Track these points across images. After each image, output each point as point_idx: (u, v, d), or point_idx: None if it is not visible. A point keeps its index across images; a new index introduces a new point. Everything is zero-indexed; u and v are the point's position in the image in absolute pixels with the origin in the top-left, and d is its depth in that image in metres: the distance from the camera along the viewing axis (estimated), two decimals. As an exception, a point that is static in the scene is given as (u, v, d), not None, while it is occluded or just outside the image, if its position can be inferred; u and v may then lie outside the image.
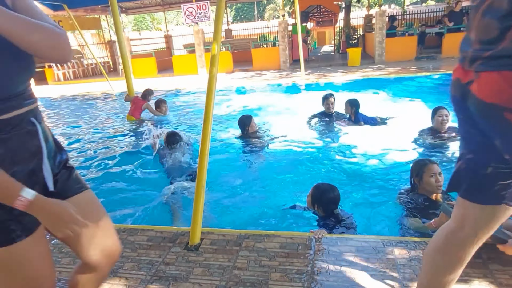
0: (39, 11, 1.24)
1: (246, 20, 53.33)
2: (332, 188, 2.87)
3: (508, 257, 2.19)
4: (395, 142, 4.93)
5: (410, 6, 32.77)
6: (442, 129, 4.33)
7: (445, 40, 13.54)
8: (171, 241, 2.68)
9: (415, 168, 2.98)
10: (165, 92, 11.56)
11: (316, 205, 2.90)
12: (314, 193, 2.92)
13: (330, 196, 2.83)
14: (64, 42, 1.23)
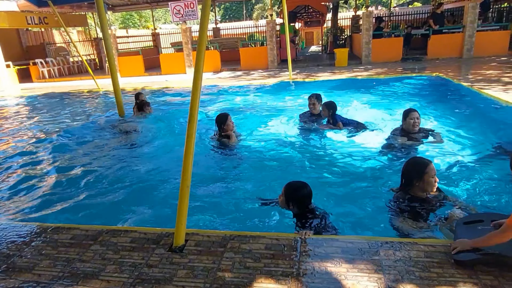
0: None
1: (234, 19, 53.19)
2: (304, 185, 2.85)
3: (492, 258, 2.20)
4: (369, 142, 4.98)
5: (396, 8, 33.16)
6: (413, 131, 4.46)
7: (430, 42, 13.73)
8: (155, 242, 2.63)
9: (414, 168, 2.88)
10: (151, 91, 11.42)
11: (290, 203, 2.86)
12: (287, 191, 2.87)
13: (304, 192, 2.80)
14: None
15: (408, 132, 4.51)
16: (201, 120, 7.03)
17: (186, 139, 2.59)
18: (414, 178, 2.84)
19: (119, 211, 3.59)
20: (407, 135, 4.51)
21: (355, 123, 5.54)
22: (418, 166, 2.85)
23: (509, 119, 5.55)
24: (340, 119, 5.50)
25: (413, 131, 4.45)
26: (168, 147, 5.44)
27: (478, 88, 7.53)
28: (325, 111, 5.58)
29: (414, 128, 4.43)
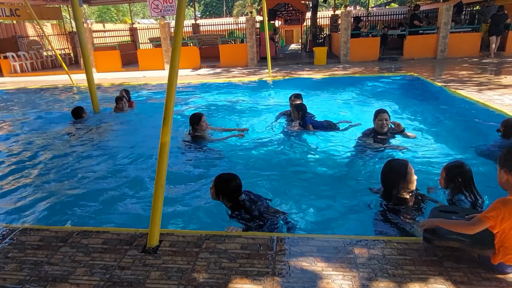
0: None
1: (214, 16, 52.75)
2: (233, 177, 2.88)
3: (461, 255, 2.26)
4: (341, 143, 5.04)
5: (374, 8, 33.74)
6: (382, 131, 4.53)
7: (406, 42, 14.05)
8: (128, 243, 2.56)
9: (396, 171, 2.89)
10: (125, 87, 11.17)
11: (220, 196, 2.89)
12: (217, 183, 2.89)
13: (233, 184, 2.84)
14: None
15: (378, 133, 4.58)
16: (178, 117, 6.95)
17: (161, 137, 2.53)
18: (399, 181, 2.88)
19: (91, 211, 3.48)
20: (376, 135, 4.59)
21: (325, 125, 5.53)
22: (399, 168, 2.89)
23: (480, 119, 5.75)
24: (311, 121, 5.47)
25: (382, 131, 4.53)
26: (143, 145, 5.33)
27: (451, 88, 7.76)
28: (295, 113, 5.54)
29: (382, 129, 4.51)
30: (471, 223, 2.04)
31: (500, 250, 2.03)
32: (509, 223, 1.96)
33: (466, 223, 2.08)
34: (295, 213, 3.27)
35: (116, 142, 5.72)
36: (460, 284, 2.02)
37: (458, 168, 2.92)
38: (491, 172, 2.87)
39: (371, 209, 3.07)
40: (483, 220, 1.98)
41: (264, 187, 3.79)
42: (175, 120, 6.54)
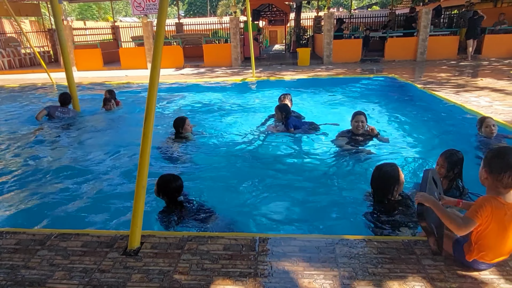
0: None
1: (198, 15, 52.44)
2: (174, 178, 3.04)
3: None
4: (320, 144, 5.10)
5: (356, 10, 34.25)
6: (357, 132, 4.70)
7: (387, 44, 14.32)
8: (109, 246, 2.52)
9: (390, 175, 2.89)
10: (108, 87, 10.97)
11: (161, 194, 3.05)
12: (159, 182, 3.04)
13: (173, 185, 3.00)
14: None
15: (354, 134, 4.73)
16: (160, 117, 6.89)
17: (142, 138, 2.50)
18: (393, 185, 2.88)
19: (70, 213, 3.41)
20: (352, 136, 4.73)
21: (307, 126, 5.56)
22: (392, 173, 2.89)
23: (457, 120, 5.92)
24: (294, 122, 5.49)
25: (357, 132, 4.69)
26: (125, 145, 5.26)
27: (430, 89, 7.95)
28: (278, 114, 5.54)
29: (357, 130, 4.67)
30: (463, 223, 1.97)
31: (475, 248, 2.09)
32: (489, 220, 2.01)
33: (458, 221, 1.98)
34: (277, 213, 3.29)
35: (97, 142, 5.62)
36: (437, 281, 2.08)
37: (457, 155, 3.01)
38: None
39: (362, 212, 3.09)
40: (475, 220, 1.96)
41: (246, 187, 3.80)
42: (159, 121, 6.51)
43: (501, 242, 2.06)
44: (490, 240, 2.05)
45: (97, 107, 7.57)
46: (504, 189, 1.99)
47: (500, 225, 2.01)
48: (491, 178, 1.99)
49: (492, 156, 2.01)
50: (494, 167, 1.97)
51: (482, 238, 2.06)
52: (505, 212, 1.99)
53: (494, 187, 2.01)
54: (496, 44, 13.69)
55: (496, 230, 2.02)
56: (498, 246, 2.07)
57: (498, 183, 1.97)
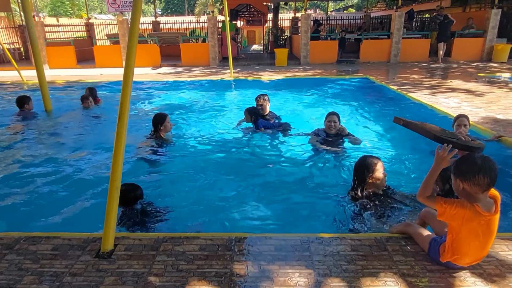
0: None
1: (176, 14, 51.81)
2: (134, 188, 3.11)
3: (409, 249, 2.40)
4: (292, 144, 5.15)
5: (333, 12, 34.80)
6: (329, 132, 4.80)
7: (362, 46, 14.63)
8: (81, 248, 2.46)
9: (365, 165, 3.05)
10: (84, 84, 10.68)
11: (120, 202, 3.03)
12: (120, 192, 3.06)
13: (131, 195, 3.05)
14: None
15: (326, 134, 4.82)
16: (136, 116, 6.77)
17: (116, 137, 2.45)
18: (367, 175, 3.03)
19: (40, 215, 3.29)
20: (325, 136, 4.81)
21: (276, 126, 5.56)
22: (368, 163, 3.05)
23: (428, 120, 6.10)
24: (263, 124, 5.49)
25: (329, 132, 4.79)
26: (99, 144, 5.14)
27: (403, 91, 8.19)
28: (247, 117, 5.51)
29: (330, 130, 4.77)
30: (428, 196, 2.14)
31: (449, 250, 2.15)
32: (458, 223, 2.06)
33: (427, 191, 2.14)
34: (253, 213, 3.30)
35: (68, 141, 5.46)
36: (408, 277, 2.14)
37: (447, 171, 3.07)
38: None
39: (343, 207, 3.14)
40: (437, 202, 2.09)
41: (221, 188, 3.79)
42: (134, 120, 6.39)
43: (474, 250, 2.11)
44: (464, 246, 2.10)
45: (71, 105, 7.36)
46: (482, 194, 2.00)
47: (473, 232, 2.05)
48: (467, 185, 2.00)
49: (460, 164, 2.04)
50: (467, 173, 1.98)
51: (456, 242, 2.11)
52: (479, 221, 2.02)
53: (473, 194, 2.01)
54: (464, 48, 14.26)
55: (469, 237, 2.07)
56: (472, 252, 2.12)
57: (476, 187, 1.97)
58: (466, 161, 2.03)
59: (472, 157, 2.02)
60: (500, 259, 2.31)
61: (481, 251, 2.14)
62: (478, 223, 2.03)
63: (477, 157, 2.00)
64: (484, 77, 10.15)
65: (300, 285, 2.08)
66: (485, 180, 1.95)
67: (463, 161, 2.04)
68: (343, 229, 2.91)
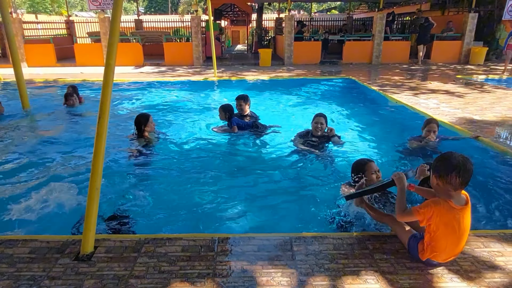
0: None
1: (159, 12, 51.25)
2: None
3: (389, 247, 2.45)
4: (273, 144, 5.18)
5: (316, 14, 35.11)
6: (316, 134, 4.80)
7: (345, 47, 14.83)
8: (59, 251, 2.40)
9: (356, 168, 3.21)
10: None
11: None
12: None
13: None
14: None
15: (313, 135, 4.82)
16: (118, 116, 6.67)
17: (96, 137, 2.41)
18: (359, 175, 3.14)
19: (17, 218, 3.19)
20: (311, 137, 4.82)
21: (250, 125, 5.52)
22: (359, 164, 3.21)
23: (408, 120, 6.25)
24: (237, 122, 5.45)
25: (316, 134, 4.79)
26: (81, 144, 5.04)
27: (385, 91, 8.34)
28: (221, 114, 5.46)
29: (316, 132, 4.77)
30: (405, 212, 2.25)
31: (428, 248, 2.22)
32: (436, 221, 2.13)
33: (402, 208, 2.26)
34: (236, 213, 3.30)
35: (48, 140, 5.32)
36: (388, 274, 2.19)
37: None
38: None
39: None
40: (414, 213, 2.18)
41: (204, 188, 3.78)
42: (116, 120, 6.29)
43: (452, 244, 2.18)
44: (442, 243, 2.17)
45: (51, 104, 7.18)
46: (455, 191, 2.09)
47: (449, 228, 2.13)
48: (441, 182, 2.09)
49: (437, 161, 2.14)
50: (441, 170, 2.08)
51: (434, 240, 2.18)
52: (454, 216, 2.11)
53: (446, 191, 2.11)
54: (443, 50, 14.63)
55: (446, 232, 2.14)
56: (449, 248, 2.19)
57: (448, 186, 2.07)
58: (443, 159, 2.11)
59: (449, 156, 2.09)
60: (476, 255, 2.38)
61: (457, 246, 2.21)
62: (453, 217, 2.11)
63: (454, 157, 2.07)
64: (462, 79, 10.44)
65: (282, 285, 2.09)
66: (458, 180, 2.03)
67: (441, 159, 2.13)
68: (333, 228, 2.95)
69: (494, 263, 2.29)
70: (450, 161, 2.06)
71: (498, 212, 3.29)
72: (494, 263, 2.29)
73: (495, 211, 3.31)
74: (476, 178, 3.80)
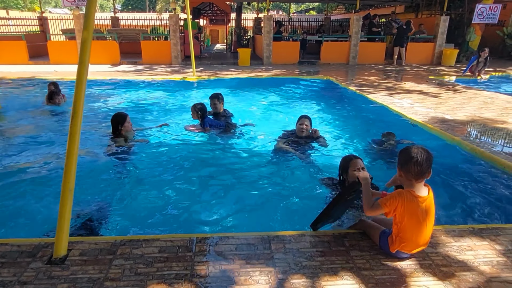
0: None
1: (137, 10, 50.35)
2: None
3: (365, 244, 2.51)
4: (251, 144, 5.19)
5: (295, 14, 35.40)
6: (300, 135, 4.80)
7: (323, 48, 15.02)
8: (31, 255, 2.32)
9: (341, 164, 3.32)
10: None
11: None
12: None
13: None
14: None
15: (297, 136, 4.83)
16: (93, 116, 6.51)
17: (69, 137, 2.34)
18: (343, 172, 3.25)
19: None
20: (294, 139, 4.82)
21: (223, 126, 5.51)
22: (344, 161, 3.29)
23: (384, 118, 6.40)
24: (210, 122, 5.41)
25: (300, 135, 4.80)
26: (55, 144, 4.88)
27: (362, 91, 8.50)
28: (194, 113, 5.39)
29: (301, 133, 4.78)
30: (373, 206, 2.33)
31: (396, 240, 2.30)
32: (401, 212, 2.23)
33: (370, 203, 2.35)
34: (214, 213, 3.29)
35: (17, 140, 5.14)
36: (363, 270, 2.23)
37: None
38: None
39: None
40: (382, 205, 2.27)
41: (181, 188, 3.75)
42: (91, 120, 6.14)
43: (417, 234, 2.27)
44: (408, 233, 2.26)
45: (25, 103, 6.92)
46: (416, 181, 2.23)
47: (414, 217, 2.23)
48: (403, 173, 2.24)
49: (400, 153, 2.29)
50: (402, 161, 2.23)
51: (402, 231, 2.28)
52: (417, 204, 2.22)
53: (408, 181, 2.25)
54: (417, 51, 15.06)
55: (411, 222, 2.24)
56: (415, 238, 2.28)
57: (409, 175, 2.21)
58: (404, 150, 2.27)
59: (409, 148, 2.24)
60: (447, 250, 2.46)
61: (422, 235, 2.30)
62: (417, 206, 2.23)
63: (413, 149, 2.22)
64: (434, 80, 10.79)
65: (260, 283, 2.10)
66: (416, 169, 2.18)
67: (402, 151, 2.28)
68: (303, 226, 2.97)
69: (464, 257, 2.38)
70: (409, 152, 2.20)
71: (468, 208, 3.43)
72: (464, 257, 2.38)
73: (464, 207, 3.44)
74: (446, 176, 3.95)
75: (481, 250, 2.47)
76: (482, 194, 3.67)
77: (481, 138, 5.15)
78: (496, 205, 3.47)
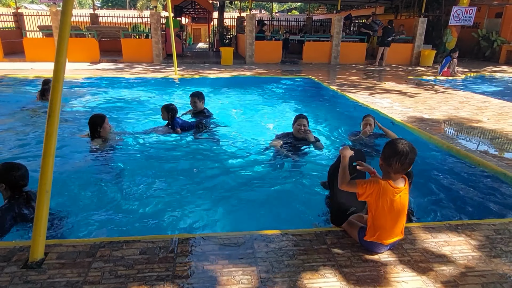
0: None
1: (117, 7, 49.41)
2: (16, 166, 2.84)
3: (346, 241, 2.54)
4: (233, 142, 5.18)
5: (277, 14, 35.53)
6: (298, 136, 4.71)
7: (305, 47, 15.13)
8: (5, 259, 2.25)
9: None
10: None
11: (2, 184, 2.78)
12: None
13: (15, 174, 2.78)
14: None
15: (294, 137, 4.72)
16: (71, 115, 6.36)
17: (45, 138, 2.27)
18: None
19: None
20: (291, 140, 4.73)
21: (194, 126, 5.40)
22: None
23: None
24: (181, 122, 5.30)
25: (298, 136, 4.66)
26: (35, 143, 4.75)
27: (343, 91, 8.61)
28: (163, 114, 5.22)
29: (299, 134, 4.63)
30: (349, 182, 2.40)
31: (371, 228, 2.39)
32: (375, 198, 2.31)
33: (346, 179, 2.41)
34: (195, 213, 3.27)
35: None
36: (344, 268, 2.26)
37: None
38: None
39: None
40: (358, 185, 2.35)
41: (162, 189, 3.71)
42: (67, 119, 5.99)
43: (391, 222, 2.35)
44: (382, 220, 2.34)
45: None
46: (394, 174, 2.31)
47: (388, 205, 2.31)
48: (384, 165, 2.32)
49: (385, 145, 2.35)
50: (386, 154, 2.29)
51: (376, 218, 2.36)
52: (393, 194, 2.31)
53: (387, 172, 2.34)
54: (396, 52, 15.36)
55: (385, 210, 2.32)
56: (389, 226, 2.36)
57: (389, 168, 2.29)
58: (391, 143, 2.32)
59: (397, 142, 2.29)
60: (425, 246, 2.53)
61: (396, 225, 2.37)
62: (392, 195, 2.31)
63: (399, 144, 2.27)
64: (413, 80, 11.04)
65: (243, 283, 2.09)
66: (397, 164, 2.25)
67: (389, 143, 2.35)
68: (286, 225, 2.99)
69: (441, 253, 2.45)
70: (396, 147, 2.26)
71: (445, 205, 3.52)
72: (441, 253, 2.45)
73: (442, 204, 3.54)
74: (424, 174, 4.05)
75: (457, 245, 2.55)
76: (458, 191, 3.78)
77: (457, 136, 5.31)
78: (471, 201, 3.58)
